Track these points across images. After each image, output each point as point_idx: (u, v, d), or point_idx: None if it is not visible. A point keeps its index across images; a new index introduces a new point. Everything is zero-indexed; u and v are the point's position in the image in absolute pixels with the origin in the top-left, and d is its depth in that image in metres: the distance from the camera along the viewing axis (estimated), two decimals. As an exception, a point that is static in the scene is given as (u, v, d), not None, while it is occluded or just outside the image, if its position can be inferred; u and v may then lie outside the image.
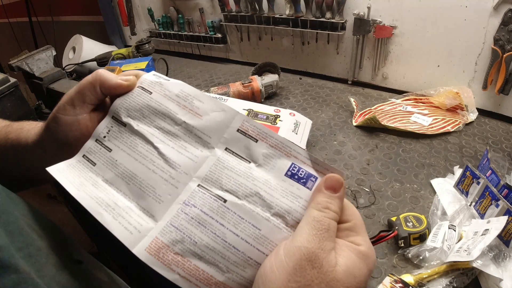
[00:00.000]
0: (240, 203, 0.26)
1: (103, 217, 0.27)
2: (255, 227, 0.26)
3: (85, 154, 0.31)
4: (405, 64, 1.03)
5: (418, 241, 0.56)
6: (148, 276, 0.91)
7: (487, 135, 0.85)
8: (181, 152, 0.29)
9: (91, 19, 1.89)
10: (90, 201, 0.28)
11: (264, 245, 0.25)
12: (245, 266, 0.25)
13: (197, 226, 0.26)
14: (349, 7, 1.02)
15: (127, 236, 0.26)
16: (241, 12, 1.20)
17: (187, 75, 1.34)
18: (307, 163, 0.28)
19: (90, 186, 0.29)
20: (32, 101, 1.15)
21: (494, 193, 0.54)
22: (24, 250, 0.27)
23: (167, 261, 0.25)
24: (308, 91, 1.12)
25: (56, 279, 0.29)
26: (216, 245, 0.25)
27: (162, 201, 0.27)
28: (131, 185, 0.29)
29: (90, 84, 0.31)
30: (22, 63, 1.03)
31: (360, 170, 0.76)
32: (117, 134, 0.31)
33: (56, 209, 1.54)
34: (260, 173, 0.28)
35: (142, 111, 0.31)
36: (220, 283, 0.25)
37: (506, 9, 0.78)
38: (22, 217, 0.30)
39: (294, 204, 0.26)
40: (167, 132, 0.30)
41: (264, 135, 0.29)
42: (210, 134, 0.30)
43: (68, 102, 0.31)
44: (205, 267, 0.25)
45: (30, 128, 0.35)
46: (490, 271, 0.47)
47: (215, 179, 0.28)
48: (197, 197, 0.27)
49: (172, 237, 0.26)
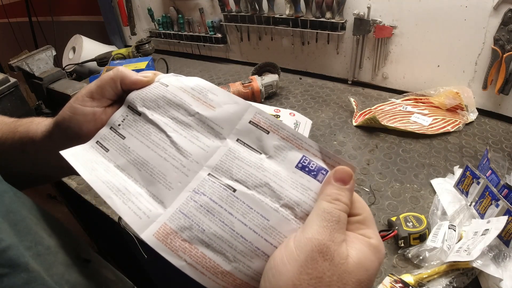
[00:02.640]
0: (249, 193, 0.26)
1: (113, 201, 0.27)
2: (263, 217, 0.26)
3: (98, 140, 0.31)
4: (405, 64, 1.03)
5: (418, 241, 0.56)
6: (148, 276, 0.91)
7: (487, 135, 0.85)
8: (193, 141, 0.30)
9: (91, 19, 1.89)
10: (101, 185, 0.28)
11: (272, 236, 0.25)
12: (252, 257, 0.25)
13: (206, 214, 0.26)
14: (349, 7, 1.02)
15: (136, 220, 0.26)
16: (241, 12, 1.21)
17: (187, 75, 1.32)
18: (318, 156, 0.28)
19: (101, 171, 0.29)
20: (32, 101, 1.15)
21: (494, 193, 0.54)
22: (33, 249, 0.27)
23: (175, 247, 0.25)
24: (308, 91, 1.12)
25: (65, 277, 0.29)
26: (224, 233, 0.25)
27: (172, 188, 0.28)
28: (142, 171, 0.29)
29: (111, 80, 0.32)
30: (22, 63, 1.03)
31: (360, 170, 0.76)
32: (131, 122, 0.32)
33: (56, 209, 1.54)
34: (271, 164, 0.28)
35: (157, 101, 0.32)
36: (227, 273, 0.25)
37: (506, 9, 0.78)
38: (29, 216, 0.30)
39: (304, 196, 0.26)
40: (180, 122, 0.31)
41: (276, 127, 0.29)
42: (223, 125, 0.30)
43: (87, 95, 0.32)
44: (212, 255, 0.25)
45: (41, 121, 0.36)
46: (490, 271, 0.47)
47: (226, 168, 0.28)
48: (206, 185, 0.27)
49: (180, 223, 0.26)
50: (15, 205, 0.29)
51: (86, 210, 0.78)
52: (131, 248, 0.70)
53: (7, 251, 0.25)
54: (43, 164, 0.36)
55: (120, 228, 0.68)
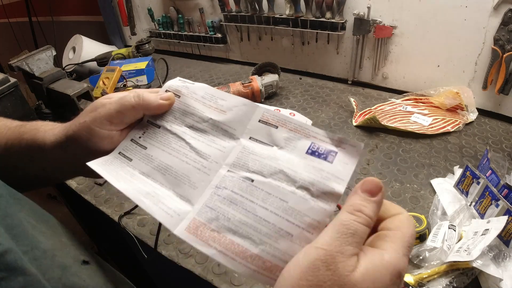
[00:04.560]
0: (266, 181, 0.29)
1: (145, 204, 0.30)
2: (282, 200, 0.28)
3: (121, 151, 0.34)
4: (405, 64, 1.03)
5: (418, 241, 0.56)
6: (148, 276, 0.91)
7: (487, 135, 0.85)
8: (210, 145, 0.33)
9: (91, 19, 1.89)
10: (131, 190, 0.30)
11: (293, 216, 0.27)
12: (277, 238, 0.26)
13: (229, 205, 0.28)
14: (349, 7, 1.02)
15: (168, 219, 0.29)
16: (241, 12, 1.21)
17: (187, 75, 1.34)
18: (325, 141, 0.30)
19: (129, 178, 0.32)
20: (32, 101, 1.15)
21: (494, 193, 0.54)
22: (30, 253, 0.27)
23: (205, 238, 0.27)
24: (308, 91, 1.12)
25: (62, 281, 0.29)
26: (248, 219, 0.27)
27: (196, 187, 0.31)
28: (166, 175, 0.32)
29: (133, 108, 0.34)
30: (22, 63, 1.03)
31: (360, 170, 0.76)
32: (152, 134, 0.35)
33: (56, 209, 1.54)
34: (283, 154, 0.30)
35: (174, 114, 0.35)
36: (255, 255, 0.26)
37: (506, 9, 0.78)
38: (26, 218, 0.30)
39: (317, 176, 0.28)
40: (196, 129, 0.34)
41: (284, 121, 0.32)
42: (235, 126, 0.33)
43: (106, 118, 0.33)
44: (240, 240, 0.27)
45: (47, 129, 0.36)
46: (490, 271, 0.47)
47: (242, 163, 0.31)
48: (227, 180, 0.30)
49: (208, 216, 0.28)
50: (12, 209, 0.29)
51: (86, 210, 0.78)
52: (131, 248, 0.71)
53: (4, 255, 0.24)
54: (54, 170, 0.37)
55: (120, 228, 0.68)
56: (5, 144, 0.36)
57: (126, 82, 1.20)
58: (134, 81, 1.23)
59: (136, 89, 0.35)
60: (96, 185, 0.79)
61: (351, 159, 0.29)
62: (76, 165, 0.35)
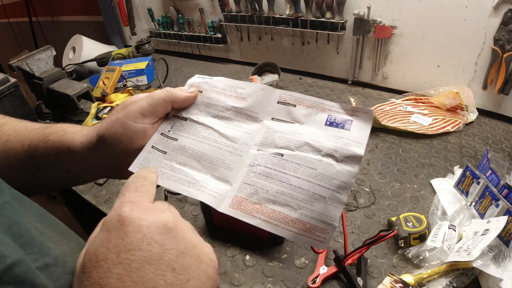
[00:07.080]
0: (294, 153, 0.32)
1: (190, 192, 0.32)
2: (311, 168, 0.31)
3: (153, 145, 0.36)
4: (405, 64, 1.03)
5: (418, 241, 0.56)
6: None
7: (487, 135, 0.85)
8: (237, 129, 0.36)
9: (91, 19, 1.89)
10: (174, 184, 0.33)
11: (323, 180, 0.30)
12: (312, 202, 0.30)
13: (265, 179, 0.32)
14: (349, 7, 1.02)
15: (213, 200, 0.32)
16: (241, 12, 1.21)
17: (187, 75, 1.34)
18: (340, 112, 0.34)
19: (169, 171, 0.34)
20: (32, 101, 1.15)
21: (494, 193, 0.54)
22: (40, 261, 0.26)
23: (249, 210, 0.31)
24: (308, 91, 1.12)
25: None
26: (284, 189, 0.31)
27: (232, 168, 0.33)
28: (202, 162, 0.34)
29: (163, 101, 0.35)
30: (22, 63, 1.03)
31: (360, 170, 0.76)
32: (180, 127, 0.37)
33: (56, 209, 1.53)
34: (304, 128, 0.34)
35: (198, 107, 0.38)
36: (296, 219, 0.30)
37: (506, 9, 0.78)
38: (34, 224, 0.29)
39: (338, 143, 0.32)
40: (221, 117, 0.37)
41: (300, 100, 0.35)
42: (257, 110, 0.36)
43: (139, 112, 0.34)
44: (280, 208, 0.30)
45: (75, 130, 0.37)
46: (490, 271, 0.47)
47: (270, 141, 0.34)
48: (259, 158, 0.33)
49: (247, 191, 0.32)
50: (18, 216, 0.28)
51: (86, 210, 0.78)
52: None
53: (13, 268, 0.23)
54: (79, 171, 0.37)
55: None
56: (29, 145, 0.36)
57: (126, 82, 1.20)
58: (134, 81, 1.23)
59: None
60: (96, 185, 0.79)
61: (365, 125, 0.32)
62: (106, 165, 0.36)
